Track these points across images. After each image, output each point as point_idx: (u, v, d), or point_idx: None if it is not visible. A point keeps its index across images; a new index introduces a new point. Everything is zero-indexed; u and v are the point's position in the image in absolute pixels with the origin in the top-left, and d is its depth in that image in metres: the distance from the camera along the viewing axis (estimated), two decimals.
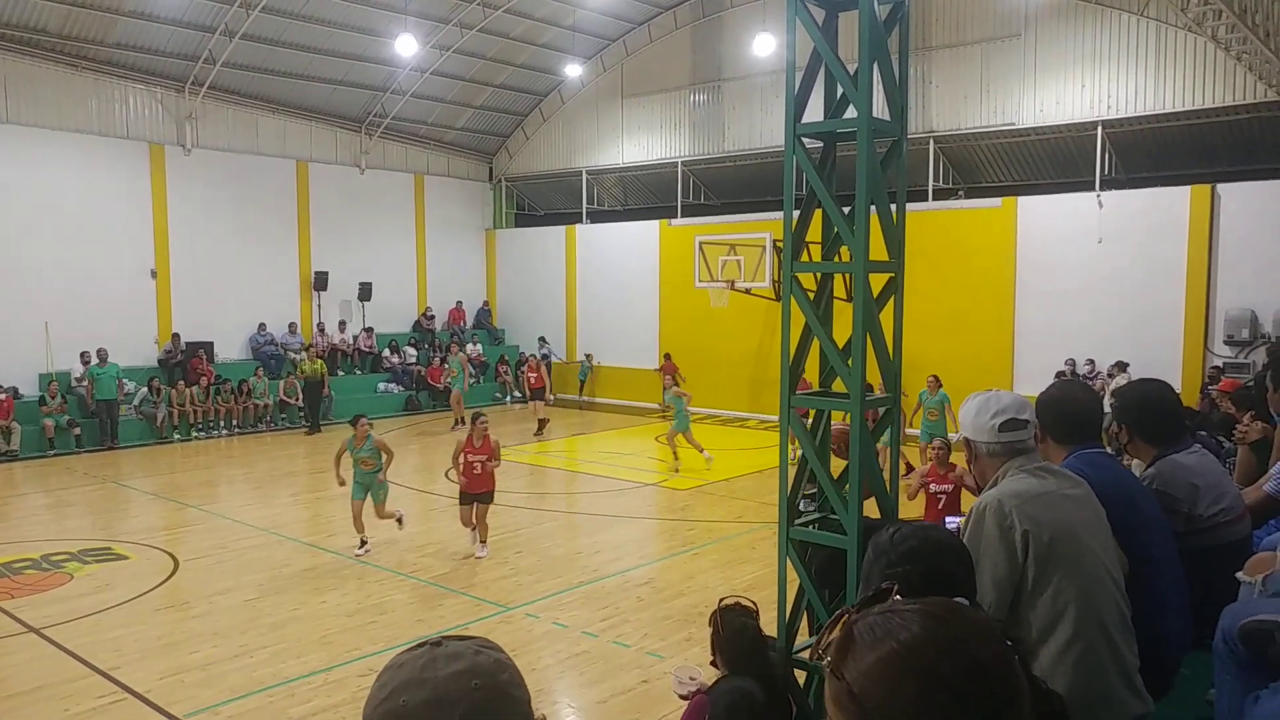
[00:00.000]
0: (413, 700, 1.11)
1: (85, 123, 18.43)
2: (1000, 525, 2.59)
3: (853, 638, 1.15)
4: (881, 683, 1.09)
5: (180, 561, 9.85)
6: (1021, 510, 2.59)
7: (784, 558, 4.21)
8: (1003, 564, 2.57)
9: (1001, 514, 2.60)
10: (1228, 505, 3.43)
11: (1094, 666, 2.54)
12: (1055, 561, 2.57)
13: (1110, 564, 2.70)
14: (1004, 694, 1.09)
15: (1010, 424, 2.75)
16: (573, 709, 6.46)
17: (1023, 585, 2.59)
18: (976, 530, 2.63)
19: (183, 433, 18.21)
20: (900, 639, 1.11)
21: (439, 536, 10.98)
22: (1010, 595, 2.59)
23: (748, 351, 20.16)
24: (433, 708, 1.10)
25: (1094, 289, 16.19)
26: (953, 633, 1.12)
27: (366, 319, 22.72)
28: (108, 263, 18.47)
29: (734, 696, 3.27)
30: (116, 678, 6.85)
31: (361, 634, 7.72)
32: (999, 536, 2.58)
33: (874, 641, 1.12)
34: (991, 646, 1.12)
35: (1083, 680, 2.51)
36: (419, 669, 1.14)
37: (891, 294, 4.25)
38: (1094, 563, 2.64)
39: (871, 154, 4.00)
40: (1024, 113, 17.38)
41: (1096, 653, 2.55)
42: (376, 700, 1.14)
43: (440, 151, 24.99)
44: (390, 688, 1.14)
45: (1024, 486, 2.66)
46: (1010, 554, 2.57)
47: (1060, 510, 2.64)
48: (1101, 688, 2.55)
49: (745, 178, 21.57)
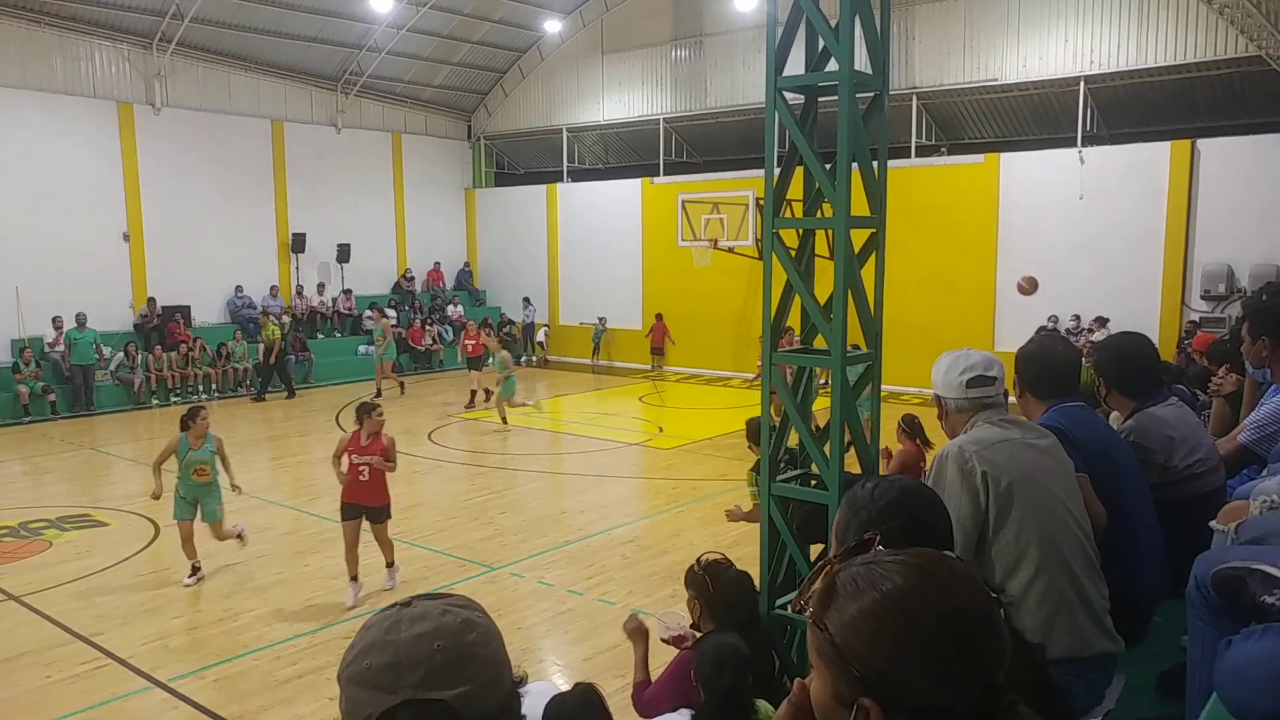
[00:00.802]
0: (375, 663, 1.11)
1: (50, 81, 17.96)
2: (961, 468, 2.67)
3: (835, 589, 1.14)
4: (863, 633, 1.09)
5: (161, 527, 9.80)
6: (981, 455, 2.67)
7: (766, 513, 4.24)
8: (966, 504, 2.65)
9: (962, 458, 2.68)
10: (1203, 456, 3.48)
11: (1058, 602, 2.63)
12: (1015, 502, 2.64)
13: (1074, 509, 2.76)
14: (985, 644, 1.09)
15: (977, 380, 2.81)
16: (558, 666, 6.53)
17: (986, 526, 2.66)
18: (939, 476, 2.71)
19: (161, 398, 18.05)
20: (882, 589, 1.10)
21: (425, 497, 10.99)
22: (975, 535, 2.66)
23: (731, 310, 20.15)
24: (393, 670, 1.11)
25: (1075, 244, 16.25)
26: (935, 583, 1.11)
27: (345, 281, 22.50)
28: (79, 226, 18.12)
29: (721, 650, 3.30)
30: (99, 643, 6.85)
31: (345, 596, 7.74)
32: (960, 479, 2.66)
33: (856, 592, 1.12)
34: (974, 597, 1.12)
35: (1047, 615, 2.61)
36: (384, 631, 1.14)
37: (873, 250, 4.24)
38: (1056, 506, 2.70)
39: (853, 108, 3.96)
40: (1007, 68, 17.27)
41: (1060, 589, 2.63)
42: (346, 661, 1.15)
43: (418, 110, 24.59)
44: (358, 649, 1.14)
45: (985, 434, 2.75)
46: (972, 494, 2.65)
47: (1021, 456, 2.71)
48: (1066, 621, 2.63)
49: (728, 135, 21.38)
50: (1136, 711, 2.76)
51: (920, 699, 1.06)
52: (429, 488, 11.46)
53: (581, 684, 3.18)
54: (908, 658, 1.06)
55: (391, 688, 1.10)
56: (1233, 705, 1.85)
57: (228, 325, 20.00)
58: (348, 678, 1.13)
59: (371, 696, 1.10)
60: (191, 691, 6.09)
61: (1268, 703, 1.76)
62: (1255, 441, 3.72)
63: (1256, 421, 3.78)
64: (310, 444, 14.39)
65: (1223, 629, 2.14)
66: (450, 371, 22.06)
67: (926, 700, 1.06)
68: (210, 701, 5.93)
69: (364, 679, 1.11)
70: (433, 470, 12.48)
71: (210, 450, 8.09)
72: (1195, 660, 2.38)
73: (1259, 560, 2.17)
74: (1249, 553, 2.29)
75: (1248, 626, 2.03)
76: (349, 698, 1.13)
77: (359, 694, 1.11)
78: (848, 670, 1.09)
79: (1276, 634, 1.84)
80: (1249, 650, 1.83)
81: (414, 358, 22.05)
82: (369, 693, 1.11)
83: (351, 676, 1.13)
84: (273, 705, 5.90)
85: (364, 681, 1.11)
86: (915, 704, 1.06)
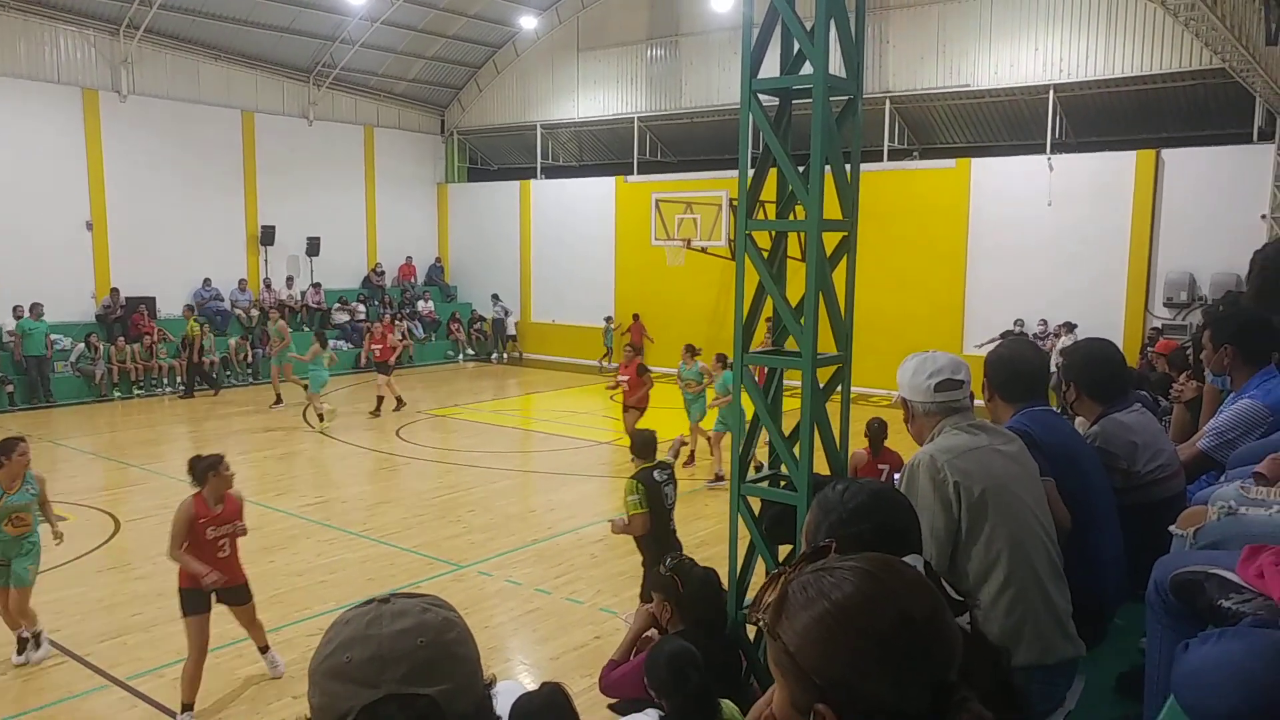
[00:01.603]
0: (357, 657, 1.10)
1: (13, 66, 17.56)
2: (933, 479, 2.65)
3: (787, 598, 1.15)
4: (817, 642, 1.10)
5: (122, 522, 9.64)
6: (952, 464, 2.65)
7: (735, 514, 4.25)
8: (939, 516, 2.64)
9: (934, 468, 2.66)
10: (1164, 462, 3.54)
11: (1025, 610, 2.64)
12: (987, 512, 2.64)
13: (1041, 515, 2.77)
14: (936, 647, 1.11)
15: (945, 384, 2.79)
16: (526, 665, 6.50)
17: (957, 536, 2.66)
18: (911, 486, 2.70)
19: (123, 390, 17.73)
20: (833, 598, 1.11)
21: (392, 494, 10.90)
22: (949, 547, 2.66)
23: (703, 310, 20.18)
24: (376, 665, 1.09)
25: (1043, 250, 16.47)
26: (884, 589, 1.12)
27: (315, 274, 22.25)
28: (41, 214, 17.73)
29: (674, 647, 3.30)
30: (55, 640, 6.72)
31: (311, 594, 7.66)
32: (933, 490, 2.65)
33: (807, 601, 1.13)
34: (923, 600, 1.13)
35: (1015, 623, 2.62)
36: (364, 625, 1.13)
37: (845, 253, 4.26)
38: (1024, 513, 2.71)
39: (827, 111, 3.98)
40: (979, 74, 17.46)
41: (1028, 597, 2.64)
42: (321, 656, 1.13)
43: (391, 103, 24.37)
44: (335, 643, 1.13)
45: (956, 442, 2.73)
46: (945, 506, 2.64)
47: (991, 464, 2.71)
48: (1033, 630, 2.65)
49: (702, 135, 21.42)
50: (1096, 713, 2.80)
51: (875, 703, 1.07)
52: (397, 485, 11.37)
53: (548, 683, 3.17)
54: (861, 664, 1.07)
55: (374, 682, 1.08)
56: (1190, 708, 1.88)
57: (195, 318, 19.66)
58: (324, 671, 1.11)
59: (351, 690, 1.09)
60: (151, 690, 6.00)
61: (1224, 705, 1.79)
62: (1214, 448, 3.78)
63: (1216, 428, 3.85)
64: (278, 438, 14.21)
65: (1181, 632, 2.17)
66: (421, 367, 21.89)
67: (881, 704, 1.07)
68: (170, 700, 5.84)
69: (343, 673, 1.10)
70: (401, 467, 12.38)
71: (31, 493, 6.52)
72: (1154, 662, 2.41)
73: (1216, 565, 2.20)
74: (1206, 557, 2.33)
75: (1205, 630, 2.06)
76: (325, 691, 1.11)
77: (337, 688, 1.10)
78: (803, 679, 1.10)
79: (1233, 638, 1.87)
80: (1206, 654, 1.86)
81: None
82: (349, 686, 1.09)
83: (329, 670, 1.11)
84: (234, 702, 5.82)
85: (344, 675, 1.09)
86: (870, 708, 1.07)
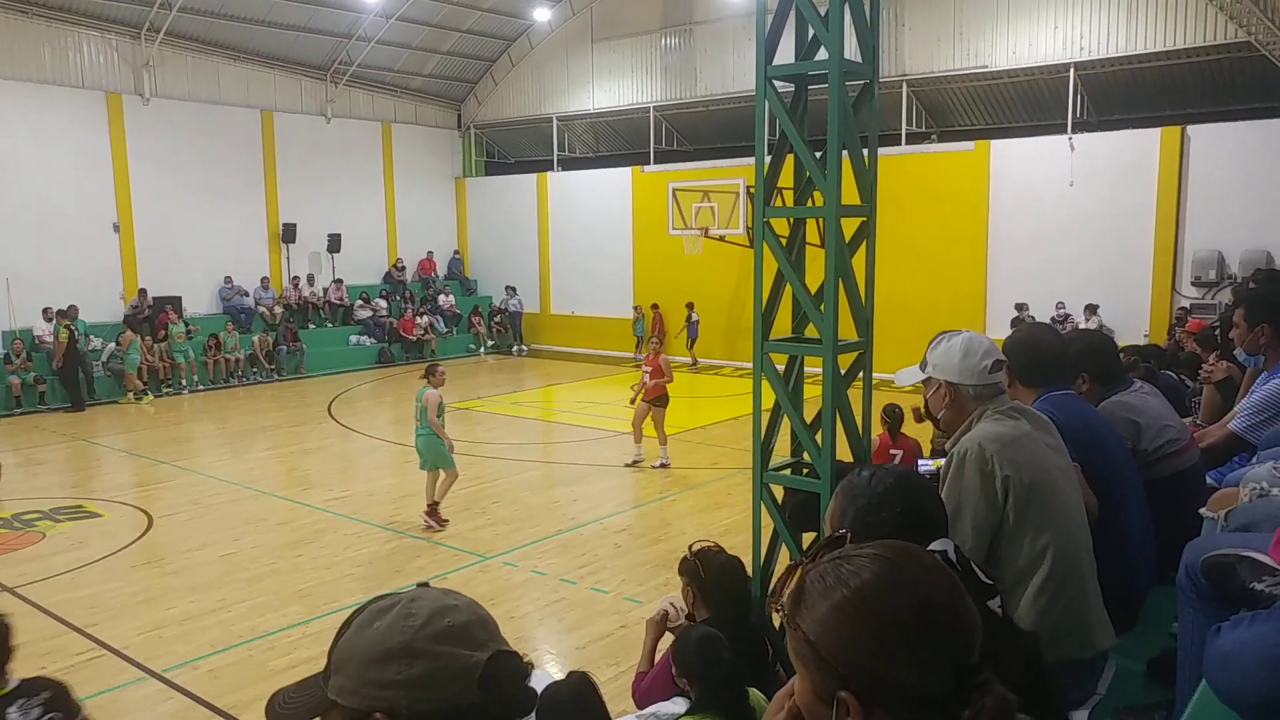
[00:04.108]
0: (457, 621, 1.17)
1: (38, 71, 17.78)
2: (981, 470, 2.60)
3: (805, 588, 1.16)
4: (837, 630, 1.10)
5: (154, 518, 9.78)
6: (1002, 455, 2.60)
7: (759, 502, 4.25)
8: (983, 508, 2.59)
9: (983, 459, 2.60)
10: (1173, 437, 3.55)
11: (1070, 604, 2.60)
12: (1034, 504, 2.59)
13: (1080, 507, 2.74)
14: (957, 631, 1.11)
15: (998, 365, 2.74)
16: (552, 655, 6.54)
17: (1003, 528, 2.62)
18: (957, 474, 2.64)
19: (153, 388, 17.97)
20: (851, 586, 1.12)
21: (417, 487, 10.97)
22: (988, 538, 2.62)
23: (722, 298, 20.15)
24: (478, 627, 1.18)
25: (1065, 232, 16.28)
26: (902, 575, 1.13)
27: (336, 271, 22.41)
28: (69, 217, 17.99)
29: (702, 632, 3.31)
30: (93, 634, 6.84)
31: (339, 586, 7.75)
32: (980, 481, 2.59)
33: (825, 590, 1.13)
34: (941, 585, 1.13)
35: (1059, 618, 2.57)
36: (441, 596, 1.20)
37: (864, 238, 4.24)
38: (1069, 506, 2.68)
39: (843, 96, 3.95)
40: (997, 55, 17.25)
41: (1073, 592, 2.61)
42: (413, 629, 1.17)
43: (408, 99, 24.45)
44: (424, 615, 1.18)
45: (1001, 430, 2.66)
46: (991, 498, 2.59)
47: (1038, 455, 2.66)
48: (1079, 623, 2.62)
49: (718, 123, 21.32)
50: (1127, 698, 2.77)
51: (897, 689, 1.08)
52: (420, 478, 11.43)
53: (575, 672, 3.20)
54: (881, 651, 1.08)
55: (484, 642, 1.17)
56: (1222, 692, 1.87)
57: (219, 315, 19.92)
58: (429, 636, 1.14)
59: (463, 652, 1.15)
60: (186, 682, 6.09)
61: (1257, 688, 1.77)
62: (1246, 429, 3.75)
63: (1248, 408, 3.81)
64: (303, 434, 14.36)
65: (1213, 616, 2.15)
66: (443, 360, 21.99)
67: (903, 690, 1.08)
68: (205, 692, 5.93)
69: (454, 636, 1.15)
70: None
71: None
72: (1186, 647, 2.39)
73: (1248, 547, 2.18)
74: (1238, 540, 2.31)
75: (1237, 613, 2.04)
76: (435, 655, 1.14)
77: (448, 650, 1.14)
78: (825, 667, 1.11)
79: (1265, 620, 1.85)
80: (1239, 637, 1.85)
81: (405, 347, 22.00)
82: (464, 648, 1.15)
83: (435, 634, 1.14)
84: (266, 695, 5.88)
85: (455, 638, 1.15)
86: (892, 694, 1.08)
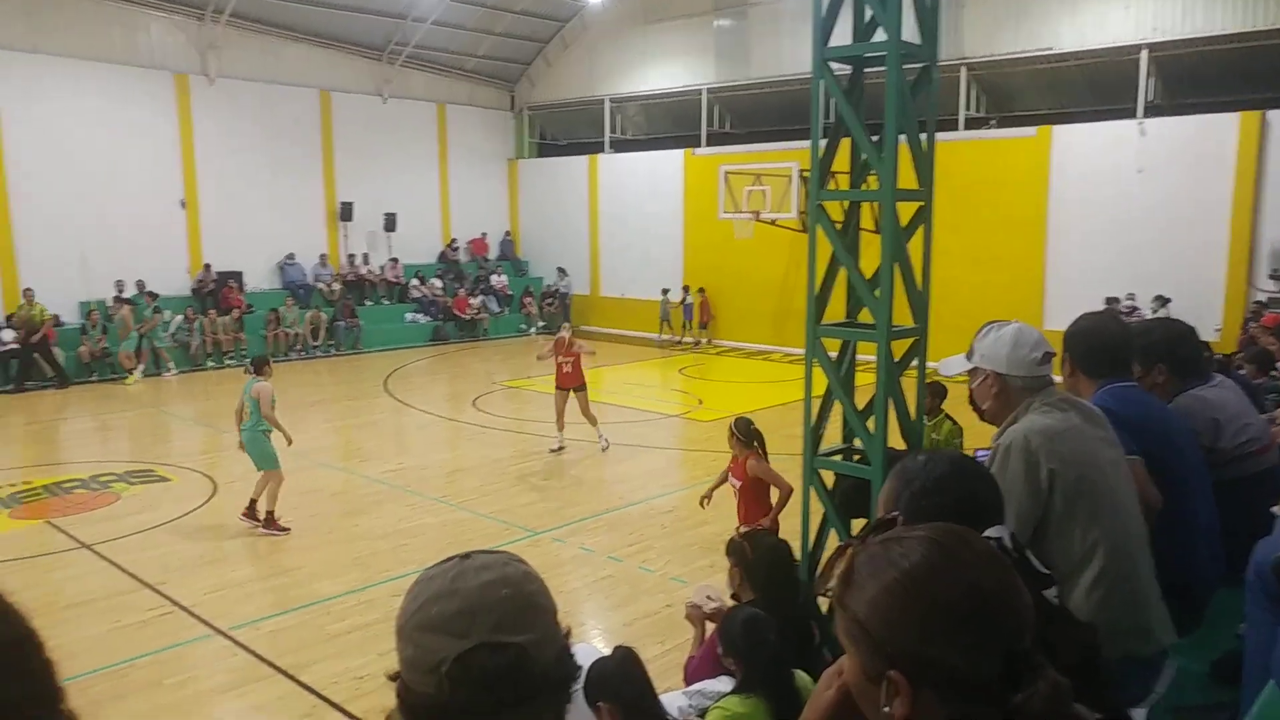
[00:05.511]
0: (446, 609, 1.14)
1: (110, 52, 18.32)
2: (1027, 462, 2.57)
3: (854, 569, 1.17)
4: (886, 611, 1.11)
5: (219, 484, 10.15)
6: (1048, 448, 2.57)
7: (807, 487, 4.30)
8: (1025, 499, 2.57)
9: (1029, 451, 2.58)
10: (1253, 436, 3.43)
11: (1127, 599, 2.55)
12: (1083, 498, 2.56)
13: (1134, 501, 2.68)
14: (1007, 616, 1.11)
15: (1047, 358, 2.72)
16: (599, 631, 6.68)
17: (1049, 521, 2.58)
18: (1002, 466, 2.62)
19: (216, 360, 18.55)
20: (901, 567, 1.13)
21: (469, 462, 11.21)
22: (1030, 531, 2.58)
23: (772, 283, 20.05)
24: (466, 616, 1.14)
25: (1132, 222, 15.78)
26: (952, 558, 1.13)
27: (392, 249, 22.80)
28: (138, 193, 18.56)
29: (749, 613, 3.37)
30: (164, 591, 7.17)
31: (393, 556, 7.97)
32: (1024, 473, 2.57)
33: (875, 571, 1.14)
34: (992, 570, 1.13)
35: (1111, 614, 2.50)
36: (449, 580, 1.17)
37: (919, 224, 4.24)
38: (1121, 500, 2.63)
39: (901, 79, 3.95)
40: (1063, 36, 16.78)
41: (1125, 587, 2.56)
42: (410, 611, 1.17)
43: (462, 80, 24.66)
44: (422, 599, 1.17)
45: (1049, 422, 2.63)
46: (1034, 492, 2.56)
47: (1087, 448, 2.62)
48: (1133, 621, 2.56)
49: (771, 106, 21.13)
50: (1189, 698, 2.72)
51: (945, 671, 1.09)
52: (473, 453, 11.67)
53: (621, 647, 3.27)
54: (929, 633, 1.09)
55: (464, 632, 1.12)
56: None
57: (279, 291, 20.43)
58: (415, 624, 1.15)
59: (444, 641, 1.13)
60: (249, 640, 6.35)
61: None
62: None
63: None
64: (360, 408, 14.71)
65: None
66: (495, 340, 22.33)
67: (952, 672, 1.09)
68: (266, 651, 6.18)
69: (435, 624, 1.14)
70: (476, 436, 12.70)
71: None
72: (1253, 647, 2.32)
73: None
74: None
75: None
76: (417, 644, 1.15)
77: (429, 640, 1.14)
78: (874, 648, 1.12)
79: None
80: None
81: (459, 326, 22.35)
82: (441, 638, 1.13)
83: (420, 623, 1.15)
84: (324, 658, 6.13)
85: (435, 627, 1.13)
86: (941, 676, 1.09)
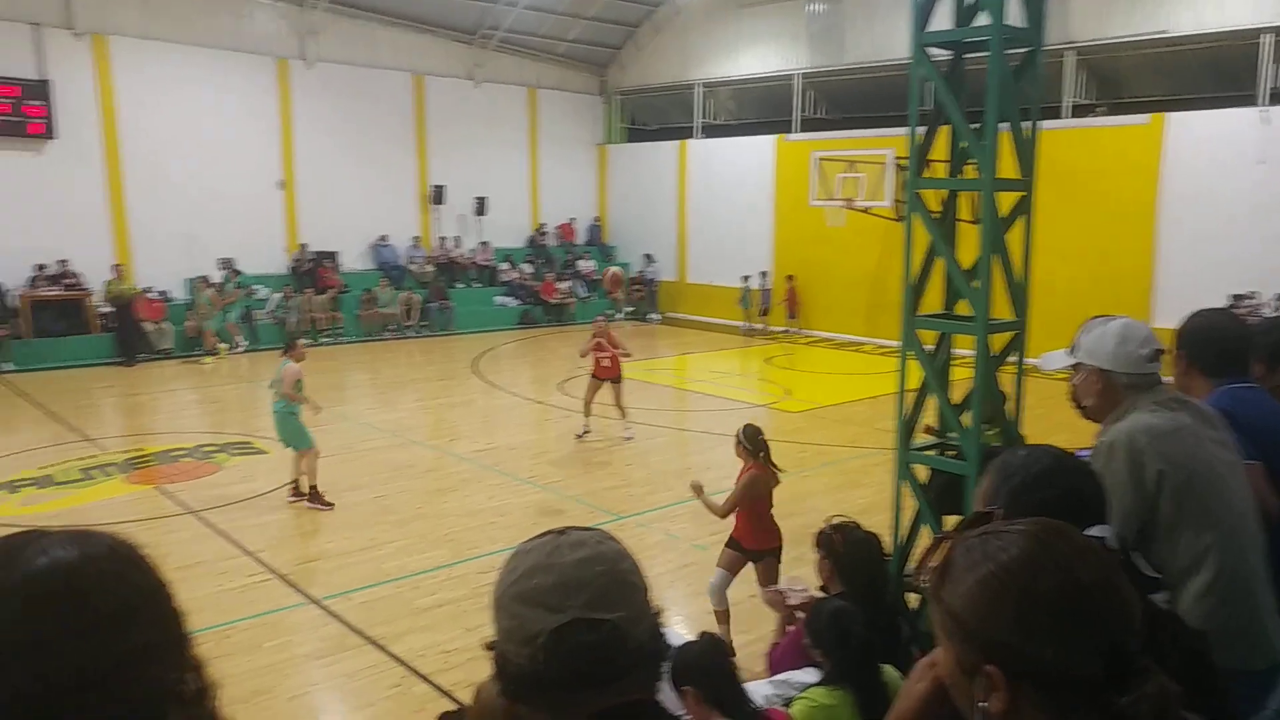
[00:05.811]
0: (543, 583, 1.17)
1: (217, 38, 19.11)
2: (1133, 462, 2.48)
3: (952, 561, 1.16)
4: (981, 604, 1.10)
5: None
6: (1157, 449, 2.47)
7: (900, 481, 4.23)
8: (1130, 499, 2.47)
9: (1135, 450, 2.49)
10: None
11: (1235, 609, 2.44)
12: (1194, 501, 2.46)
13: (1251, 506, 2.57)
14: (1108, 613, 1.09)
15: (1155, 355, 2.63)
16: (682, 617, 6.71)
17: (1156, 524, 2.49)
18: (1108, 464, 2.52)
19: (311, 338, 19.25)
20: (998, 561, 1.11)
21: (555, 445, 11.38)
22: (1133, 534, 2.49)
23: (864, 273, 19.68)
24: (561, 590, 1.16)
25: (1251, 213, 14.90)
26: (1052, 554, 1.11)
27: (483, 233, 23.22)
28: (240, 175, 19.37)
29: (837, 605, 3.35)
30: (263, 559, 7.51)
31: (482, 533, 8.16)
32: (1129, 473, 2.47)
33: (972, 564, 1.13)
34: (1092, 566, 1.11)
35: (1223, 623, 2.40)
36: (546, 554, 1.20)
37: (1020, 215, 4.10)
38: (1237, 504, 2.52)
39: (1004, 66, 3.82)
40: (1179, 18, 15.92)
41: (1239, 596, 2.46)
42: (506, 583, 1.21)
43: (552, 64, 24.86)
44: (519, 571, 1.20)
45: (1158, 421, 2.53)
46: (1140, 492, 2.47)
47: (1199, 449, 2.51)
48: (1246, 632, 2.46)
49: (865, 91, 20.68)
50: None
51: (1041, 666, 1.07)
52: (559, 436, 11.84)
53: (707, 633, 3.31)
54: (1026, 627, 1.08)
55: (559, 606, 1.15)
56: None
57: (373, 271, 21.06)
58: (512, 596, 1.19)
59: (539, 615, 1.15)
60: (341, 610, 6.61)
61: None
62: None
63: None
64: (451, 388, 15.09)
65: None
66: (582, 325, 22.55)
67: (1047, 667, 1.07)
68: (358, 622, 6.42)
69: (531, 597, 1.17)
70: (563, 420, 12.86)
71: None
72: None
73: None
74: None
75: None
76: (513, 615, 1.18)
77: (525, 612, 1.17)
78: (969, 641, 1.12)
79: None
80: None
81: (546, 310, 22.65)
82: (537, 611, 1.16)
83: (517, 595, 1.18)
84: (413, 631, 6.33)
85: (531, 600, 1.16)
86: (1036, 670, 1.08)
